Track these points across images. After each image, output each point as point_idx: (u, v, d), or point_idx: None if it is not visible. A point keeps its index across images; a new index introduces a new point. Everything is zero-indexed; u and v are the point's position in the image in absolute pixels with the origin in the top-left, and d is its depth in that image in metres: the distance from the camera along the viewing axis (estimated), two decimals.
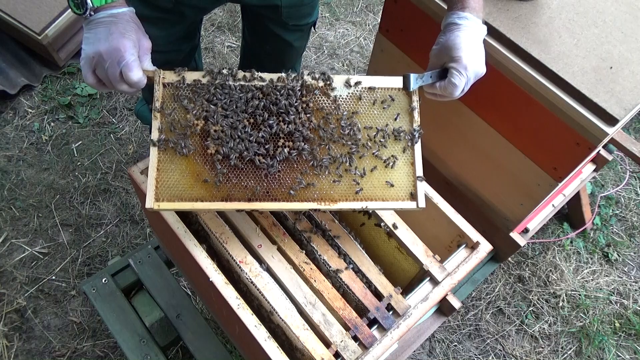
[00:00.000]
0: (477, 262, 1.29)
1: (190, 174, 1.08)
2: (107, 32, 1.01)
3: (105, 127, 2.53)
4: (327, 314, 1.15)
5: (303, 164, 1.12)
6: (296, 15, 1.57)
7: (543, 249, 2.37)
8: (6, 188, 2.28)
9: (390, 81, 1.19)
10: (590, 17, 1.42)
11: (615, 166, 2.67)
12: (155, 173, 1.06)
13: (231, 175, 1.09)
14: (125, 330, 1.59)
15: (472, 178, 1.69)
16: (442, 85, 1.14)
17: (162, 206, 1.06)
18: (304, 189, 1.11)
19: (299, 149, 1.11)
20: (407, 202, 1.15)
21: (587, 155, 1.33)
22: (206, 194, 1.08)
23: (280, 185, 1.10)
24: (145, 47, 1.07)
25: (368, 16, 3.24)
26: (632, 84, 1.29)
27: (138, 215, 2.26)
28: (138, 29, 1.06)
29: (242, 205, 1.08)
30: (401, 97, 1.19)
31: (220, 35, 2.99)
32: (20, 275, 2.07)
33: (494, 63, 1.37)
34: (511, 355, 2.10)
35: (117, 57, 1.00)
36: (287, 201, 1.10)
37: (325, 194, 1.12)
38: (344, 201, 1.12)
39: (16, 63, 2.59)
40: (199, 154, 1.09)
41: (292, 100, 1.13)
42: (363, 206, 1.13)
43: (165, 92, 1.11)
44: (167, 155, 1.08)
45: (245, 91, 1.13)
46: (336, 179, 1.12)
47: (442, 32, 1.16)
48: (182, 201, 1.07)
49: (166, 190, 1.07)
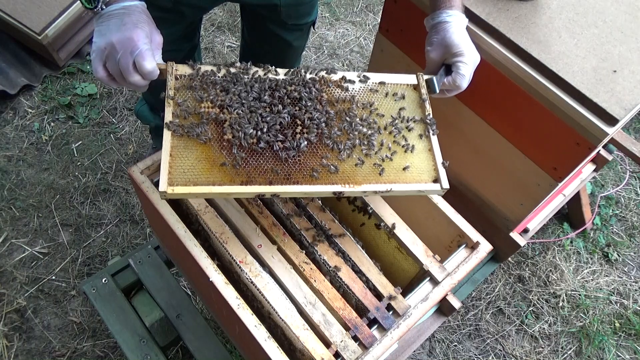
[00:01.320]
0: (477, 262, 1.29)
1: (206, 159, 1.04)
2: (120, 22, 0.99)
3: (105, 127, 2.53)
4: (327, 314, 1.15)
5: (323, 149, 1.11)
6: (295, 14, 1.57)
7: (543, 249, 2.37)
8: (6, 188, 2.28)
9: (399, 78, 1.24)
10: (590, 17, 1.42)
11: (615, 166, 2.67)
12: (168, 158, 1.02)
13: (250, 159, 1.06)
14: (125, 330, 1.58)
15: (472, 178, 1.69)
16: (449, 80, 1.20)
17: (177, 190, 1.00)
18: (326, 171, 1.09)
19: (319, 132, 1.11)
20: (431, 184, 1.15)
21: (587, 155, 1.33)
22: (224, 177, 1.03)
23: (302, 168, 1.08)
24: (157, 41, 1.06)
25: (368, 16, 3.24)
26: (632, 84, 1.29)
27: (138, 215, 2.26)
28: (150, 22, 1.05)
29: (263, 189, 1.04)
30: (410, 92, 1.24)
31: (220, 35, 2.99)
32: (20, 275, 2.07)
33: (494, 63, 1.37)
34: (511, 355, 2.10)
35: (130, 47, 0.97)
36: (310, 184, 1.07)
37: (349, 176, 1.10)
38: (367, 183, 1.11)
39: (16, 63, 2.59)
40: (215, 140, 1.06)
41: (308, 91, 1.14)
42: (387, 188, 1.11)
43: (178, 84, 1.10)
44: (181, 141, 1.05)
45: (261, 81, 1.13)
46: (358, 162, 1.12)
47: (434, 32, 1.21)
48: (198, 185, 1.01)
49: (181, 174, 1.02)
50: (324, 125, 1.12)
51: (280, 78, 1.16)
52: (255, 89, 1.12)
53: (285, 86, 1.15)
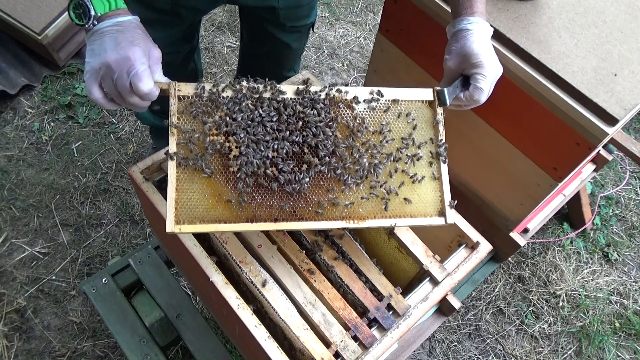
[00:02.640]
0: (477, 262, 1.29)
1: (211, 194, 1.03)
2: (114, 41, 0.93)
3: (105, 127, 2.53)
4: (327, 314, 1.15)
5: (329, 181, 1.09)
6: (294, 16, 1.57)
7: (543, 249, 2.37)
8: (6, 188, 2.28)
9: (414, 94, 1.18)
10: (590, 17, 1.42)
11: (615, 166, 2.67)
12: (174, 194, 1.00)
13: (255, 195, 1.05)
14: (125, 330, 1.58)
15: (472, 178, 1.69)
16: (467, 94, 1.12)
17: (184, 229, 1.00)
18: (331, 207, 1.08)
19: (326, 164, 1.08)
20: (436, 219, 1.15)
21: (587, 155, 1.33)
22: (230, 214, 1.03)
23: (307, 203, 1.07)
24: (155, 56, 0.99)
25: (368, 16, 3.24)
26: (632, 84, 1.29)
27: (138, 215, 2.26)
28: (146, 37, 0.99)
29: (268, 226, 1.04)
30: (425, 110, 1.19)
31: (220, 35, 2.99)
32: (20, 275, 2.07)
33: None
34: (511, 355, 2.10)
35: (126, 67, 0.92)
36: (314, 220, 1.07)
37: (353, 212, 1.10)
38: (372, 219, 1.11)
39: (16, 63, 2.59)
40: (220, 172, 1.04)
41: (316, 114, 1.10)
42: (392, 223, 1.11)
43: (181, 106, 1.05)
44: (186, 174, 1.03)
45: (267, 104, 1.09)
46: (364, 196, 1.11)
47: (454, 40, 1.13)
48: (204, 223, 1.01)
49: (187, 211, 1.01)
50: (331, 153, 1.09)
51: (287, 97, 1.11)
52: (262, 114, 1.07)
53: (294, 106, 1.10)
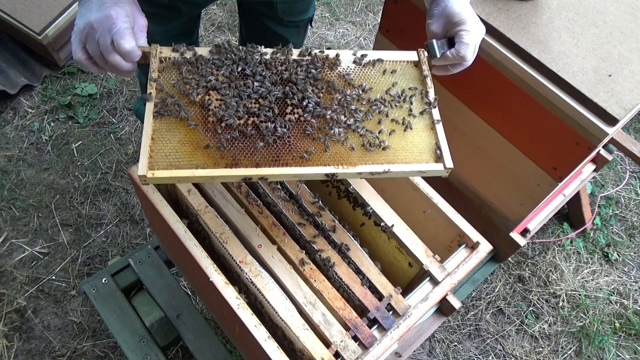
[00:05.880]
0: (477, 262, 1.29)
1: (189, 142, 0.99)
2: (100, 2, 0.96)
3: (105, 127, 2.53)
4: (327, 314, 1.15)
5: (315, 130, 1.05)
6: (291, 11, 1.58)
7: (543, 249, 2.37)
8: (6, 188, 2.28)
9: (398, 55, 1.17)
10: (590, 17, 1.42)
11: (615, 166, 2.67)
12: (149, 141, 0.97)
13: (236, 141, 1.01)
14: (125, 330, 1.59)
15: (472, 178, 1.69)
16: (453, 51, 1.12)
17: (157, 174, 0.95)
18: (319, 151, 1.02)
19: (311, 111, 1.05)
20: (433, 164, 1.07)
21: (587, 155, 1.33)
22: (208, 160, 0.98)
23: (291, 150, 1.02)
24: (140, 24, 1.02)
25: (368, 16, 3.24)
26: (632, 84, 1.29)
27: (138, 215, 2.26)
28: (134, 3, 1.01)
29: (249, 172, 0.98)
30: (411, 69, 1.17)
31: (220, 35, 2.99)
32: (20, 275, 2.07)
33: (494, 63, 1.37)
34: (511, 355, 2.10)
35: (108, 25, 0.94)
36: (300, 165, 1.01)
37: (342, 157, 1.03)
38: (363, 164, 1.03)
39: (16, 63, 2.59)
40: (200, 122, 1.01)
41: (300, 72, 1.09)
42: (385, 169, 1.03)
43: (162, 66, 1.06)
44: (163, 123, 0.99)
45: (248, 63, 1.08)
46: (353, 145, 1.05)
47: (434, 4, 1.14)
48: (181, 169, 0.96)
49: (162, 158, 0.96)
50: (315, 104, 1.06)
51: (269, 57, 1.10)
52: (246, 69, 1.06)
53: (277, 66, 1.09)
